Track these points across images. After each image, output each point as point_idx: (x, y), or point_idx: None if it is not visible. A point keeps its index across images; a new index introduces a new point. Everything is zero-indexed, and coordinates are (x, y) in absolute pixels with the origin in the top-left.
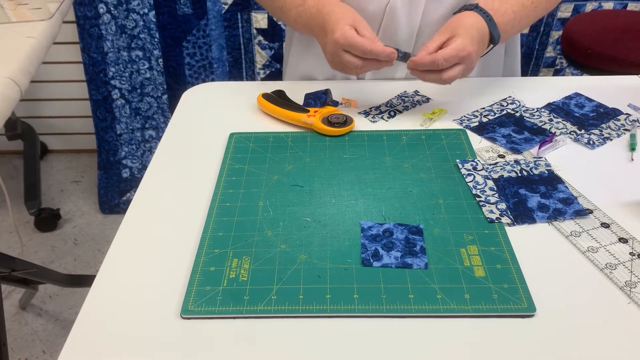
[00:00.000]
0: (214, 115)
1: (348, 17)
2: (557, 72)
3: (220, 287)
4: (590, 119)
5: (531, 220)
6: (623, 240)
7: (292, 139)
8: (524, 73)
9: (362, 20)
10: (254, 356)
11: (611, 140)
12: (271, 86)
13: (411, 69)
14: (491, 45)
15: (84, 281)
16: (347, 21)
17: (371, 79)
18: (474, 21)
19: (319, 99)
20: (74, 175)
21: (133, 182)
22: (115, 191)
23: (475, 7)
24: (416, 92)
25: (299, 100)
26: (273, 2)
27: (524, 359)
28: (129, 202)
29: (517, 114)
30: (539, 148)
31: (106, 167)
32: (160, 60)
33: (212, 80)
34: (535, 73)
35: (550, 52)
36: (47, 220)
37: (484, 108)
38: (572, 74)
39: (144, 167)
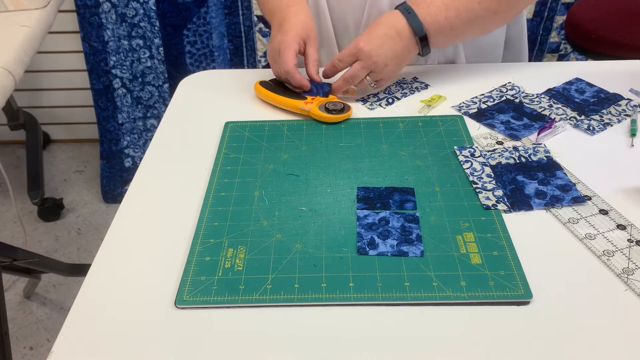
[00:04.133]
0: (211, 103)
1: (304, 29)
2: (562, 58)
3: (215, 276)
4: (590, 105)
5: (528, 207)
6: (621, 227)
7: (287, 128)
8: (528, 59)
9: (314, 36)
10: (249, 345)
11: (611, 125)
12: (269, 73)
13: (326, 78)
14: (417, 38)
15: (86, 270)
16: (298, 32)
17: None
18: (383, 18)
19: (322, 88)
20: (76, 164)
21: (135, 172)
22: (118, 180)
23: (399, 5)
24: (415, 79)
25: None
26: None
27: (521, 346)
28: None
29: (517, 100)
30: (538, 134)
31: (108, 157)
32: (161, 48)
33: (214, 68)
34: (539, 59)
35: (554, 38)
36: (51, 209)
37: (483, 94)
38: (577, 59)
39: None
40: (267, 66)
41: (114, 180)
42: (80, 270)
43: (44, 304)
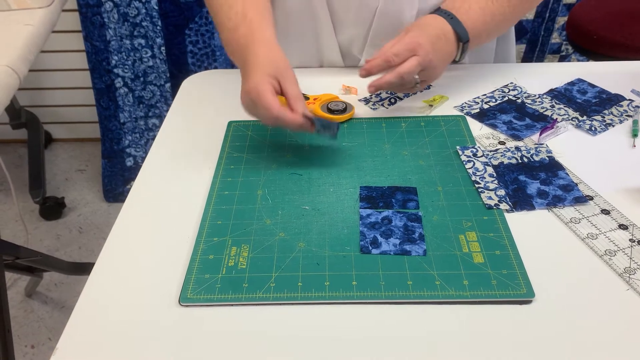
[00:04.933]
0: (213, 103)
1: (270, 65)
2: (563, 59)
3: (219, 275)
4: (592, 105)
5: (530, 206)
6: (623, 226)
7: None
8: (529, 60)
9: (288, 70)
10: (252, 344)
11: (613, 126)
12: None
13: (366, 75)
14: (461, 44)
15: (88, 269)
16: (267, 71)
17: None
18: (429, 20)
19: (329, 127)
20: (78, 164)
21: (137, 171)
22: (119, 180)
23: (436, 10)
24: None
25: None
26: (214, 15)
27: (523, 345)
28: None
29: (519, 101)
30: (540, 134)
31: (110, 156)
32: (163, 48)
33: (215, 67)
34: (540, 59)
35: (555, 39)
36: (52, 208)
37: (485, 95)
38: (578, 60)
39: None
40: None
41: (116, 180)
42: (81, 268)
43: (46, 303)
